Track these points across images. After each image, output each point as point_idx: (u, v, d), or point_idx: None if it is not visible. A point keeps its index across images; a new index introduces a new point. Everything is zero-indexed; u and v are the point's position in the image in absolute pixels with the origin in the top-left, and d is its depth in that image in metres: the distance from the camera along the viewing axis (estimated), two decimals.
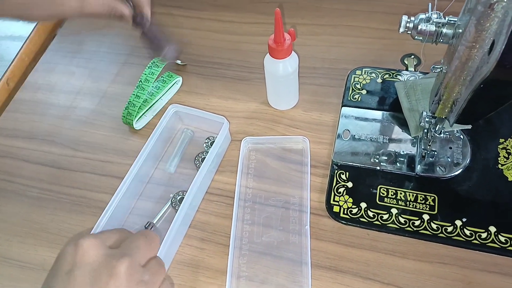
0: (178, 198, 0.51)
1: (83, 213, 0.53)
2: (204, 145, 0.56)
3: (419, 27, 0.39)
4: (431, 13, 0.39)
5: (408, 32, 0.40)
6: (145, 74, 0.58)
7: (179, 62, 0.65)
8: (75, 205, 0.53)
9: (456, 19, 0.38)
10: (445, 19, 0.38)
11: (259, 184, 0.52)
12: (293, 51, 0.51)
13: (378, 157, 0.51)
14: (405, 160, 0.51)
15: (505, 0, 0.29)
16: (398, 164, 0.51)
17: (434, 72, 0.42)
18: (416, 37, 0.40)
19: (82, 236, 0.34)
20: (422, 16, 0.39)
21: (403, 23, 0.40)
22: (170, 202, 0.51)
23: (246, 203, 0.51)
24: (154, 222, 0.50)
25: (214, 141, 0.53)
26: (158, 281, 0.36)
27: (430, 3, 0.39)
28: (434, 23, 0.38)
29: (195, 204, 0.51)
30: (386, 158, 0.51)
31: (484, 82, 0.34)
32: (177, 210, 0.46)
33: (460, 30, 0.36)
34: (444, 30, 0.38)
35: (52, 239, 0.51)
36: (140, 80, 0.58)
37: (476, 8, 0.31)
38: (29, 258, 0.50)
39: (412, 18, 0.39)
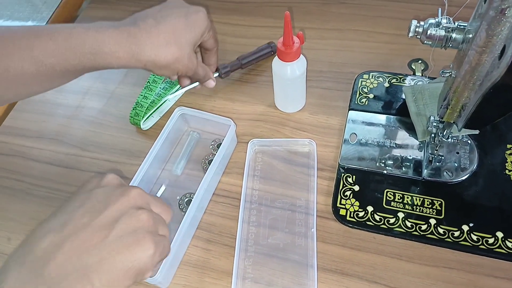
0: (186, 200, 0.51)
1: None
2: (211, 147, 0.56)
3: (429, 31, 0.39)
4: (441, 18, 0.39)
5: (417, 36, 0.40)
6: (153, 75, 0.58)
7: None
8: None
9: (466, 24, 0.38)
10: (454, 24, 0.38)
11: (265, 186, 0.52)
12: (301, 54, 0.51)
13: (384, 161, 0.51)
14: (412, 164, 0.51)
15: None
16: (404, 168, 0.51)
17: (443, 76, 0.42)
18: (425, 42, 0.40)
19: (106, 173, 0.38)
20: (432, 21, 0.39)
21: (412, 27, 0.40)
22: (177, 204, 0.51)
23: (252, 205, 0.51)
24: None
25: (220, 143, 0.53)
26: (161, 222, 0.36)
27: (440, 8, 0.40)
28: (444, 28, 0.38)
29: (202, 206, 0.51)
30: (392, 162, 0.51)
31: (494, 87, 0.34)
32: (185, 212, 0.46)
33: (470, 35, 0.36)
34: (454, 35, 0.38)
35: None
36: (148, 81, 0.58)
37: (488, 13, 0.32)
38: None
39: (422, 23, 0.39)
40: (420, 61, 0.61)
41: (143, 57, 0.43)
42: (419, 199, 0.48)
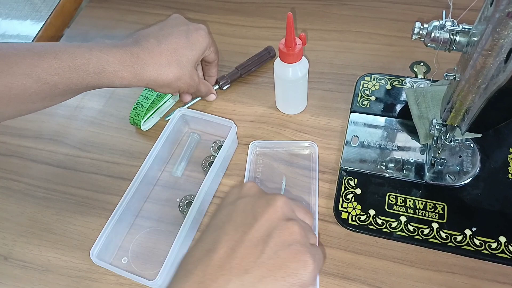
0: (186, 202, 0.51)
1: (89, 214, 0.52)
2: (211, 148, 0.55)
3: (433, 34, 0.39)
4: (445, 21, 0.38)
5: (421, 39, 0.40)
6: None
7: None
8: (80, 206, 0.53)
9: (470, 27, 0.37)
10: (459, 27, 0.38)
11: (266, 189, 0.51)
12: (303, 56, 0.51)
13: (386, 164, 0.51)
14: (414, 167, 0.51)
15: None
16: (406, 172, 0.50)
17: (447, 79, 0.41)
18: (429, 45, 0.39)
19: (244, 182, 0.39)
20: (436, 23, 0.39)
21: (416, 30, 0.39)
22: (177, 207, 0.51)
23: None
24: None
25: (221, 145, 0.53)
26: (308, 229, 0.35)
27: (444, 11, 0.39)
28: (448, 31, 0.38)
29: (202, 209, 0.50)
30: (394, 165, 0.51)
31: (499, 91, 0.33)
32: (185, 214, 0.46)
33: (475, 38, 0.36)
34: (458, 38, 0.38)
35: (57, 240, 0.51)
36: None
37: (494, 16, 0.31)
38: (33, 258, 0.50)
39: (426, 25, 0.39)
40: (422, 64, 0.60)
41: (146, 77, 0.44)
42: (421, 203, 0.48)
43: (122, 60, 0.43)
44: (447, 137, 0.47)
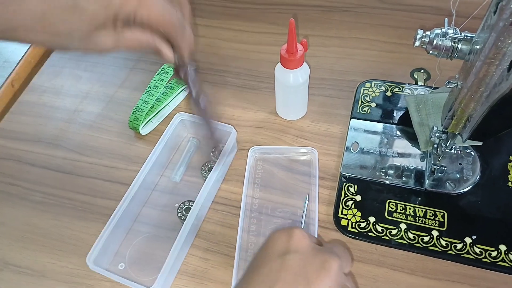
0: (184, 208, 0.50)
1: (86, 219, 0.52)
2: (211, 154, 0.55)
3: (435, 41, 0.38)
4: (447, 28, 0.38)
5: (423, 46, 0.40)
6: (155, 80, 0.58)
7: None
8: (78, 211, 0.53)
9: (473, 35, 0.37)
10: (461, 34, 0.38)
11: (265, 195, 0.51)
12: (304, 62, 0.51)
13: (387, 170, 0.51)
14: (414, 174, 0.50)
15: None
16: (407, 179, 0.50)
17: (449, 87, 0.41)
18: (431, 52, 0.39)
19: (292, 228, 0.35)
20: (438, 31, 0.39)
21: (418, 37, 0.39)
22: (176, 212, 0.50)
23: (252, 213, 0.50)
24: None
25: (221, 150, 0.52)
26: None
27: (446, 19, 0.39)
28: (450, 39, 0.38)
29: (201, 215, 0.50)
30: (395, 172, 0.51)
31: (502, 99, 0.33)
32: (184, 220, 0.45)
33: (478, 46, 0.36)
34: (460, 46, 0.38)
35: (54, 245, 0.50)
36: (149, 86, 0.57)
37: (497, 24, 0.31)
38: (29, 263, 0.49)
39: (428, 33, 0.39)
40: (422, 71, 0.60)
41: None
42: (422, 210, 0.48)
43: None
44: (447, 144, 0.47)
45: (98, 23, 0.29)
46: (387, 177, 0.50)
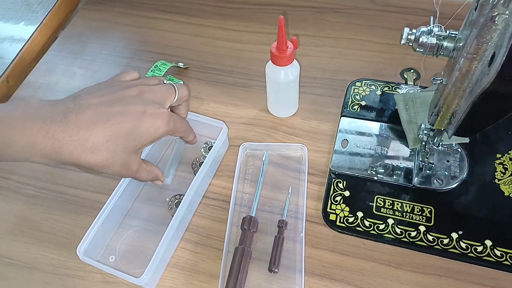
0: (175, 202, 0.51)
1: (78, 213, 0.52)
2: (202, 149, 0.56)
3: (421, 39, 0.39)
4: (433, 26, 0.39)
5: (409, 44, 0.41)
6: (148, 77, 0.58)
7: (181, 65, 0.65)
8: (69, 204, 0.53)
9: (457, 33, 0.38)
10: (446, 32, 0.39)
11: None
12: (294, 59, 0.52)
13: (375, 167, 0.51)
14: (403, 171, 0.51)
15: (507, 12, 0.30)
16: (395, 175, 0.51)
17: (435, 83, 0.42)
18: (417, 49, 0.40)
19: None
20: (424, 28, 0.39)
21: (404, 35, 0.40)
22: (167, 206, 0.51)
23: (242, 208, 0.51)
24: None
25: (212, 146, 0.53)
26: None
27: (432, 17, 0.40)
28: (436, 36, 0.39)
29: (191, 209, 0.50)
30: (383, 168, 0.51)
31: (484, 94, 0.34)
32: (174, 214, 0.46)
33: (461, 44, 0.36)
34: (445, 43, 0.39)
35: (45, 238, 0.50)
36: None
37: (478, 20, 0.32)
38: (20, 255, 0.49)
39: (414, 31, 0.40)
40: (412, 70, 0.61)
41: (62, 159, 0.36)
42: (409, 206, 0.48)
43: (32, 140, 0.34)
44: (434, 141, 0.48)
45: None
46: (376, 174, 0.51)
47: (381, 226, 0.47)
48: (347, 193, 0.50)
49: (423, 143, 0.50)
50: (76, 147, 0.35)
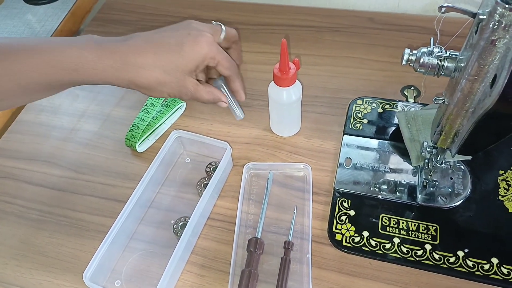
0: (180, 224, 0.51)
1: (82, 237, 0.52)
2: (206, 170, 0.56)
3: (421, 60, 0.40)
4: (433, 47, 0.40)
5: (410, 64, 0.41)
6: (151, 98, 0.59)
7: None
8: (74, 228, 0.53)
9: (457, 54, 0.39)
10: (446, 53, 0.40)
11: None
12: (297, 80, 0.52)
13: (379, 185, 0.52)
14: (406, 189, 0.51)
15: (507, 36, 0.30)
16: (399, 193, 0.51)
17: (436, 103, 0.43)
18: (418, 70, 0.41)
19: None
20: (424, 49, 0.40)
21: (405, 56, 0.41)
22: (172, 229, 0.51)
23: (247, 229, 0.51)
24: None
25: (216, 167, 0.53)
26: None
27: (432, 38, 0.41)
28: (436, 57, 0.40)
29: (197, 231, 0.50)
30: (387, 187, 0.52)
31: (486, 115, 0.35)
32: (179, 236, 0.46)
33: (462, 64, 0.37)
34: (446, 64, 0.39)
35: (49, 263, 0.50)
36: (146, 104, 0.59)
37: (479, 43, 0.33)
38: (25, 282, 0.49)
39: (415, 51, 0.41)
40: (412, 88, 0.62)
41: (124, 76, 0.42)
42: (414, 224, 0.48)
43: (101, 57, 0.41)
44: (438, 159, 0.48)
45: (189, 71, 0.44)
46: (380, 192, 0.51)
47: (387, 246, 0.47)
48: (352, 212, 0.50)
49: (426, 160, 0.51)
50: (134, 65, 0.41)
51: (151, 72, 0.42)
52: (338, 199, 0.51)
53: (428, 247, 0.47)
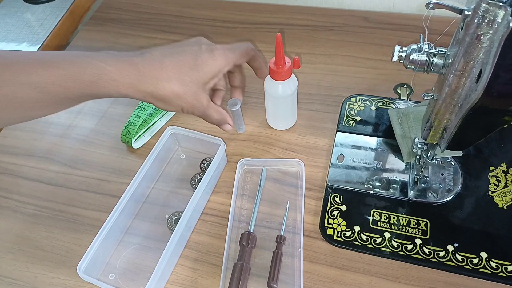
0: (174, 218, 0.51)
1: (78, 231, 0.52)
2: (201, 166, 0.56)
3: (411, 56, 0.41)
4: (423, 44, 0.41)
5: (400, 61, 0.42)
6: None
7: None
8: (69, 223, 0.53)
9: (446, 50, 0.40)
10: (435, 49, 0.40)
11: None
12: (292, 74, 0.53)
13: (371, 181, 0.52)
14: (398, 185, 0.52)
15: (491, 31, 0.31)
16: (391, 189, 0.52)
17: (426, 99, 0.43)
18: (408, 66, 0.41)
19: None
20: (414, 46, 0.41)
21: (396, 52, 0.42)
22: (166, 223, 0.51)
23: (240, 224, 0.51)
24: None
25: (210, 163, 0.54)
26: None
27: (421, 35, 0.41)
28: (426, 53, 0.40)
29: (190, 225, 0.51)
30: (379, 182, 0.52)
31: (473, 109, 0.35)
32: (173, 231, 0.46)
33: (450, 60, 0.38)
34: (435, 60, 0.40)
35: (45, 257, 0.51)
36: (142, 101, 0.59)
37: (464, 39, 0.33)
38: (20, 275, 0.50)
39: (405, 48, 0.41)
40: (405, 86, 0.63)
41: (142, 88, 0.43)
42: (405, 219, 0.49)
43: (119, 70, 0.41)
44: (428, 155, 0.49)
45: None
46: (372, 187, 0.52)
47: (378, 240, 0.48)
48: (343, 208, 0.50)
49: (417, 156, 0.51)
50: (153, 76, 0.43)
51: (169, 84, 0.43)
52: (330, 194, 0.52)
53: (418, 241, 0.47)
